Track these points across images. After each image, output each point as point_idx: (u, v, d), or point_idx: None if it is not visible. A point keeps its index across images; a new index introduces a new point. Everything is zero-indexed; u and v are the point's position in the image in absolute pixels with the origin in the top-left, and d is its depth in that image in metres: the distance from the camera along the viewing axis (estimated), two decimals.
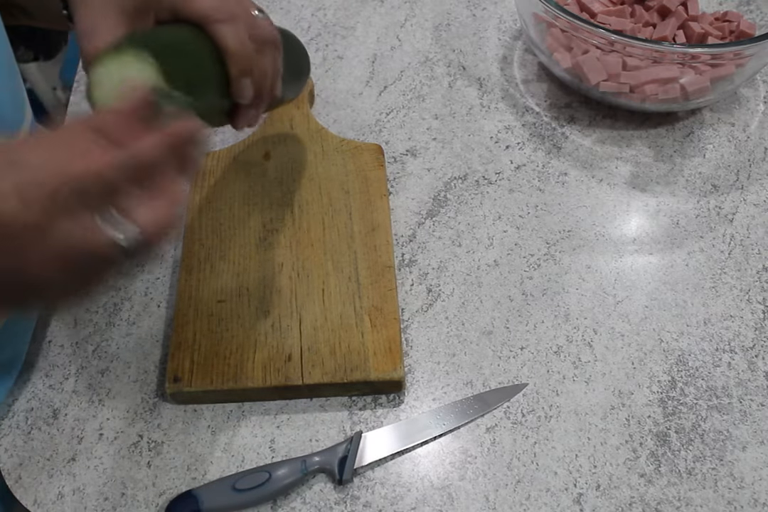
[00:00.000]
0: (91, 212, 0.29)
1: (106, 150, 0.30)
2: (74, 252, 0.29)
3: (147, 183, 0.31)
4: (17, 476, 0.48)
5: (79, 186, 0.29)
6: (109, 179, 0.29)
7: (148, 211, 0.31)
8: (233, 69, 0.39)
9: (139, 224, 0.30)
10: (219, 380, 0.49)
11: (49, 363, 0.53)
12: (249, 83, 0.41)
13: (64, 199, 0.28)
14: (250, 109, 0.43)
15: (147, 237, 0.30)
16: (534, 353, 0.53)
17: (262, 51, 0.41)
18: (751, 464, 0.48)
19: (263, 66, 0.41)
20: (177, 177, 0.32)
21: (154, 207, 0.31)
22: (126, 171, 0.30)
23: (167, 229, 0.31)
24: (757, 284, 0.56)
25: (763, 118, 0.68)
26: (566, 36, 0.64)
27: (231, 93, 0.41)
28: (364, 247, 0.56)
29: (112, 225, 0.30)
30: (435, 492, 0.47)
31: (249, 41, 0.40)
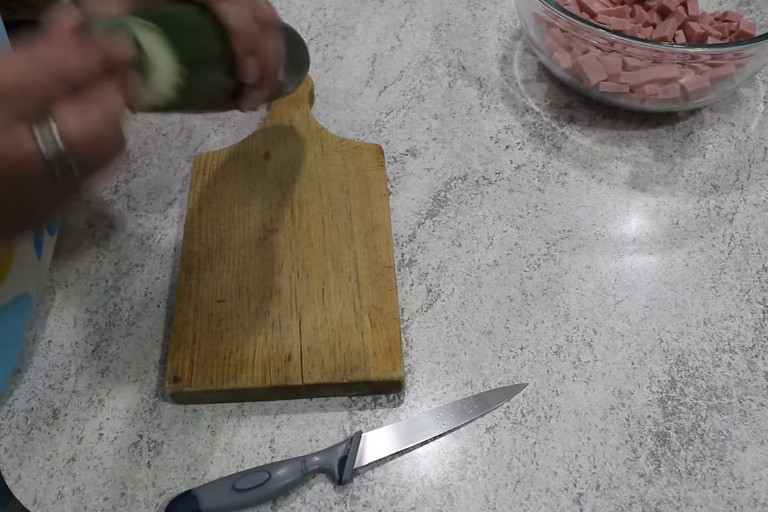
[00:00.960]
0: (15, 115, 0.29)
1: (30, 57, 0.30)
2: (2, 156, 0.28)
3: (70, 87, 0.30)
4: (17, 476, 0.48)
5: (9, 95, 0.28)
6: (33, 79, 0.29)
7: (71, 111, 0.30)
8: (238, 47, 0.40)
9: (59, 121, 0.29)
10: (219, 380, 0.49)
11: (49, 363, 0.53)
12: (253, 62, 0.41)
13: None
14: (254, 90, 0.43)
15: (72, 139, 0.30)
16: (534, 353, 0.53)
17: (265, 32, 0.41)
18: (751, 464, 0.48)
19: (267, 46, 0.42)
20: (113, 90, 0.31)
21: (78, 108, 0.30)
22: (49, 72, 0.29)
23: (98, 135, 0.30)
24: (757, 284, 0.56)
25: (763, 118, 0.68)
26: (566, 36, 0.64)
27: (236, 72, 0.41)
28: (364, 246, 0.56)
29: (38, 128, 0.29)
30: (435, 492, 0.47)
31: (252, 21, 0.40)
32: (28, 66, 0.29)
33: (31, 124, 0.29)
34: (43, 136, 0.29)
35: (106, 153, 0.32)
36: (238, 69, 0.41)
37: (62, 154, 0.30)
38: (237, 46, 0.40)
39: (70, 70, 0.30)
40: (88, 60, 0.31)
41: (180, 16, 0.38)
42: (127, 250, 0.59)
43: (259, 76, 0.42)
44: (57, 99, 0.30)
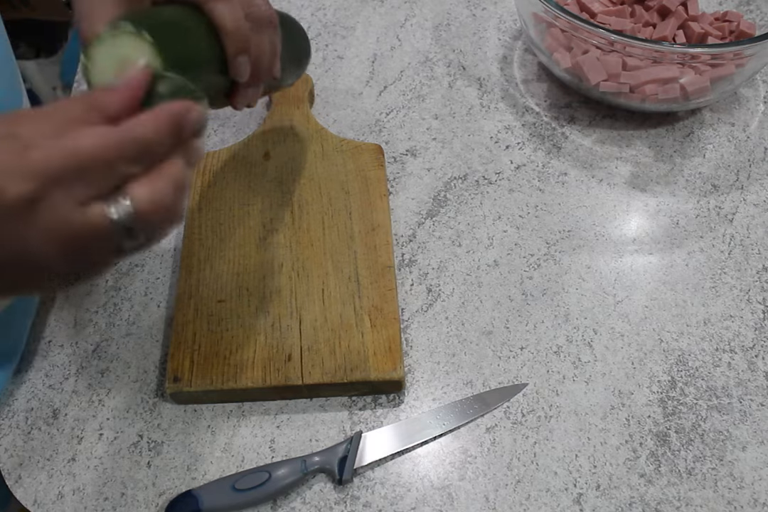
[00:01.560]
0: (87, 189, 0.29)
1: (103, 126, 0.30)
2: (70, 227, 0.29)
3: (146, 162, 0.31)
4: (17, 476, 0.48)
5: (76, 161, 0.29)
6: (106, 155, 0.29)
7: (144, 189, 0.30)
8: (230, 47, 0.40)
9: (133, 200, 0.30)
10: (219, 380, 0.49)
11: (49, 363, 0.53)
12: (246, 61, 0.41)
13: (61, 175, 0.28)
14: (248, 88, 0.43)
15: (143, 214, 0.30)
16: (534, 353, 0.53)
17: (258, 30, 0.41)
18: (751, 464, 0.48)
19: (260, 44, 0.42)
20: (178, 159, 0.32)
21: (150, 185, 0.31)
22: (123, 148, 0.30)
23: (166, 208, 0.31)
24: (757, 284, 0.56)
25: (763, 118, 0.68)
26: (566, 36, 0.64)
27: (229, 71, 0.41)
28: (364, 247, 0.56)
29: (108, 202, 0.30)
30: (435, 492, 0.47)
31: (245, 20, 0.40)
32: (109, 142, 0.30)
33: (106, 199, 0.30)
34: (118, 214, 0.30)
35: (170, 223, 0.33)
36: (230, 68, 0.41)
37: (134, 230, 0.30)
38: (229, 45, 0.40)
39: (147, 143, 0.31)
40: (163, 130, 0.31)
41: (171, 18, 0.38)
42: None
43: (253, 75, 0.42)
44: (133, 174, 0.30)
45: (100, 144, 0.29)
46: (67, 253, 0.30)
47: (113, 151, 0.29)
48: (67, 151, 0.29)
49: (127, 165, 0.30)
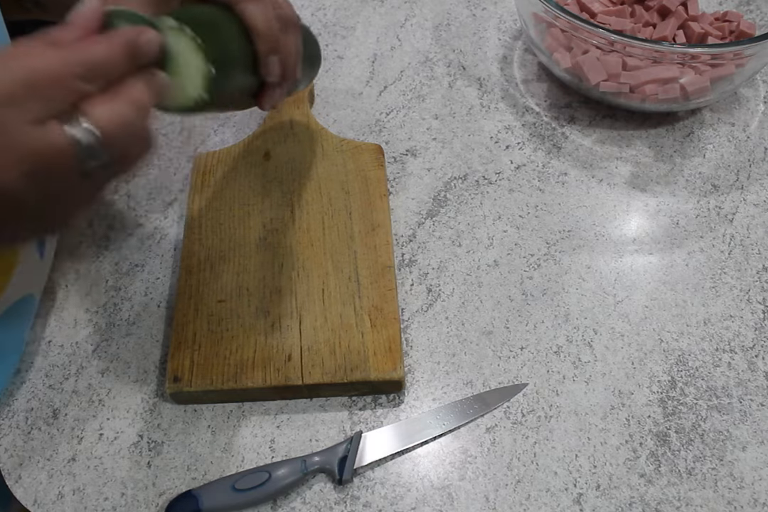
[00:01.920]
0: (41, 107, 0.29)
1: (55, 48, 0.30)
2: (27, 146, 0.29)
3: (100, 82, 0.30)
4: (17, 476, 0.48)
5: (26, 78, 0.28)
6: (58, 71, 0.29)
7: (101, 107, 0.30)
8: (262, 47, 0.40)
9: (90, 117, 0.30)
10: (219, 380, 0.49)
11: (49, 363, 0.53)
12: (276, 61, 0.41)
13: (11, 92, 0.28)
14: (276, 87, 0.44)
15: (105, 134, 0.30)
16: (534, 353, 0.53)
17: (285, 30, 0.42)
18: (751, 464, 0.48)
19: (288, 44, 0.42)
20: (137, 81, 0.32)
21: (107, 103, 0.30)
22: (75, 64, 0.29)
23: (125, 127, 0.31)
24: (757, 284, 0.56)
25: (763, 118, 0.68)
26: (566, 36, 0.64)
27: (259, 71, 0.41)
28: (364, 247, 0.56)
29: (68, 123, 0.29)
30: (435, 492, 0.47)
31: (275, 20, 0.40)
32: (57, 56, 0.29)
33: (62, 117, 0.29)
34: (75, 129, 0.29)
35: (136, 147, 0.32)
36: (262, 68, 0.41)
37: (95, 148, 0.30)
38: (261, 45, 0.40)
39: (99, 62, 0.30)
40: (116, 51, 0.31)
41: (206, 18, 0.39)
42: (127, 250, 0.59)
43: (281, 74, 0.43)
44: (87, 92, 0.30)
45: (50, 61, 0.29)
46: (29, 176, 0.29)
47: (64, 67, 0.29)
48: (16, 67, 0.28)
49: (81, 82, 0.30)
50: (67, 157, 0.30)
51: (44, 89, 0.29)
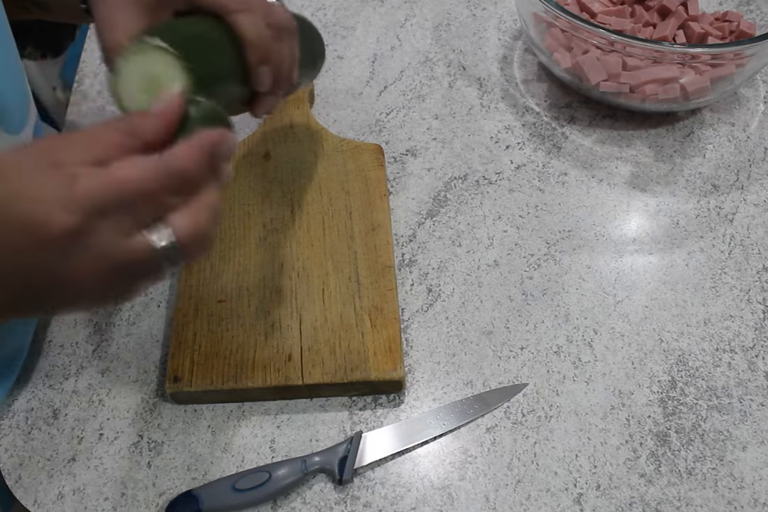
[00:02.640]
0: (130, 220, 0.30)
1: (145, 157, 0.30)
2: (113, 259, 0.30)
3: (184, 191, 0.31)
4: (17, 476, 0.48)
5: (120, 194, 0.29)
6: (149, 187, 0.30)
7: (185, 218, 0.31)
8: (252, 57, 0.40)
9: (176, 231, 0.30)
10: (219, 380, 0.49)
11: (49, 363, 0.53)
12: (267, 71, 0.41)
13: (105, 207, 0.29)
14: (268, 96, 0.44)
15: (184, 243, 0.31)
16: (534, 353, 0.53)
17: (279, 38, 0.42)
18: (751, 464, 0.48)
19: (281, 53, 0.42)
20: (213, 186, 0.33)
21: (191, 214, 0.31)
22: (165, 179, 0.30)
23: (205, 235, 0.32)
24: (757, 284, 0.56)
25: (763, 118, 0.68)
26: (566, 36, 0.64)
27: (250, 81, 0.41)
28: (364, 246, 0.56)
29: (150, 232, 0.30)
30: (435, 492, 0.47)
31: (266, 29, 0.40)
32: (152, 174, 0.30)
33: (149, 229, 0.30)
34: (162, 243, 0.30)
35: (207, 248, 0.33)
36: (252, 78, 0.41)
37: (175, 256, 0.31)
38: (251, 56, 0.40)
39: (189, 176, 0.31)
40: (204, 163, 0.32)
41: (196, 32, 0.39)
42: None
43: (273, 83, 0.42)
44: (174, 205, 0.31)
45: (142, 176, 0.30)
46: (110, 283, 0.30)
47: (156, 182, 0.30)
48: (112, 183, 0.29)
49: (169, 196, 0.31)
50: (150, 265, 0.31)
51: (135, 204, 0.29)
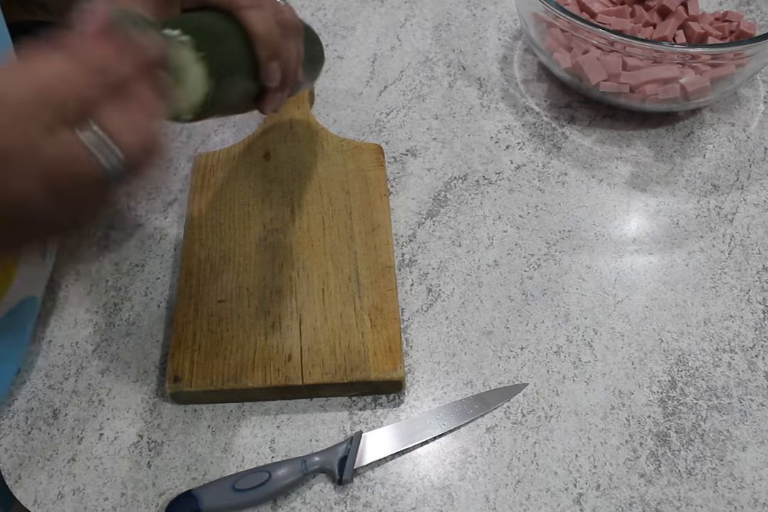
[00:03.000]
0: (61, 120, 0.29)
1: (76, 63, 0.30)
2: (59, 169, 0.29)
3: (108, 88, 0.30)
4: (17, 476, 0.48)
5: (45, 92, 0.28)
6: (76, 83, 0.29)
7: (124, 121, 0.30)
8: (262, 53, 0.40)
9: (108, 126, 0.30)
10: (219, 380, 0.49)
11: (49, 363, 0.53)
12: (277, 67, 0.42)
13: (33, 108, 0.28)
14: (276, 92, 0.44)
15: (114, 135, 0.30)
16: (534, 353, 0.53)
17: (286, 35, 0.42)
18: (751, 464, 0.48)
19: (289, 50, 0.43)
20: (144, 86, 0.32)
21: (129, 117, 0.30)
22: (92, 75, 0.29)
23: (143, 134, 0.31)
24: (757, 284, 0.56)
25: (763, 118, 0.68)
26: (566, 36, 0.64)
27: (260, 77, 0.42)
28: (364, 247, 0.56)
29: (89, 137, 0.29)
30: (435, 492, 0.47)
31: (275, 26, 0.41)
32: (68, 65, 0.29)
33: (77, 124, 0.29)
34: (89, 135, 0.29)
35: (149, 151, 0.32)
36: (262, 74, 0.42)
37: (110, 153, 0.30)
38: (261, 52, 0.40)
39: (111, 70, 0.30)
40: (126, 59, 0.31)
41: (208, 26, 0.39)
42: (127, 250, 0.59)
43: (282, 79, 0.43)
44: (99, 99, 0.30)
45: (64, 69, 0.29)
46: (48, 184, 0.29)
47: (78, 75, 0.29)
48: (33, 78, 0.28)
49: (94, 90, 0.30)
50: (83, 163, 0.29)
51: (58, 98, 0.29)
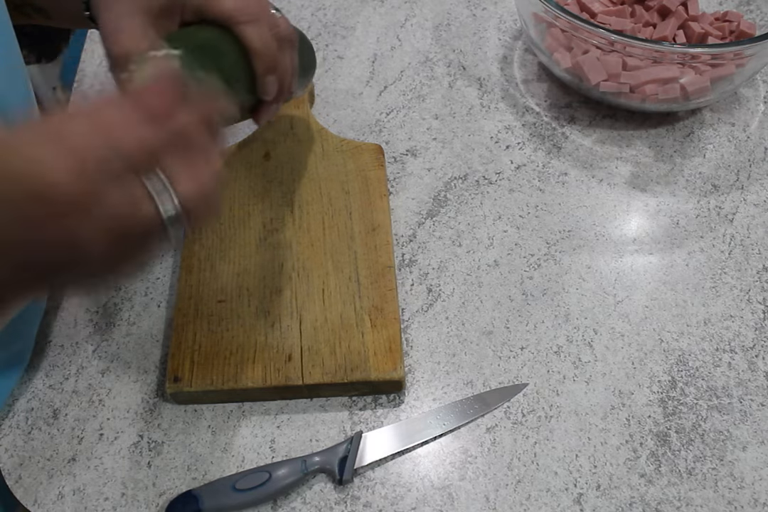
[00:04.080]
0: (136, 179, 0.29)
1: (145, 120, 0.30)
2: (123, 221, 0.29)
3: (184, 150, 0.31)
4: (17, 476, 0.48)
5: (124, 152, 0.29)
6: (152, 145, 0.29)
7: (189, 176, 0.31)
8: (259, 67, 0.41)
9: (180, 188, 0.30)
10: (219, 380, 0.49)
11: (49, 363, 0.53)
12: (274, 80, 0.42)
13: (111, 166, 0.28)
14: (272, 104, 0.45)
15: (188, 204, 0.30)
16: (534, 353, 0.53)
17: (282, 48, 0.43)
18: (751, 464, 0.48)
19: (284, 63, 0.43)
20: (211, 147, 0.32)
21: (194, 173, 0.31)
22: (167, 137, 0.30)
23: (209, 197, 0.32)
24: (757, 284, 0.56)
25: (763, 118, 0.68)
26: (566, 36, 0.64)
27: (257, 90, 0.42)
28: (364, 247, 0.56)
29: (156, 192, 0.30)
30: (435, 492, 0.47)
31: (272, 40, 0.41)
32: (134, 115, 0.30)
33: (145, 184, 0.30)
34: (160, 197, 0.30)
35: (213, 209, 0.33)
36: (259, 87, 0.42)
37: (179, 216, 0.30)
38: (259, 66, 0.41)
39: (182, 130, 0.31)
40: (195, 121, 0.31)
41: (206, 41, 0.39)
42: None
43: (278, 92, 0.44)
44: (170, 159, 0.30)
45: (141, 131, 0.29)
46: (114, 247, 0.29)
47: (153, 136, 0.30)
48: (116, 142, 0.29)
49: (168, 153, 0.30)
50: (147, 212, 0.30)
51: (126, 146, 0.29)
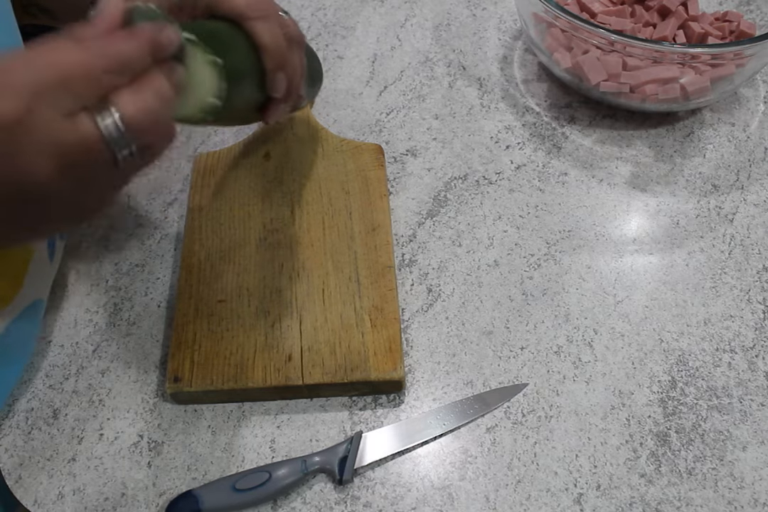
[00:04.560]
0: (72, 101, 0.29)
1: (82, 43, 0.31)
2: (60, 139, 0.29)
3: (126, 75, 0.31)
4: (17, 476, 0.48)
5: (58, 73, 0.29)
6: (87, 65, 0.30)
7: (128, 97, 0.31)
8: (270, 63, 0.41)
9: (119, 107, 0.30)
10: (219, 380, 0.49)
11: (49, 363, 0.53)
12: (283, 77, 0.43)
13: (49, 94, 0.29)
14: (280, 103, 0.45)
15: (130, 121, 0.31)
16: (534, 353, 0.53)
17: (291, 48, 0.43)
18: (751, 464, 0.48)
19: (294, 61, 0.44)
20: (159, 73, 0.33)
21: (134, 94, 0.31)
22: (103, 58, 0.30)
23: (152, 116, 0.32)
24: (757, 284, 0.56)
25: (763, 118, 0.68)
26: (566, 36, 0.64)
27: (266, 87, 0.43)
28: (364, 247, 0.56)
29: (99, 115, 0.30)
30: (435, 492, 0.47)
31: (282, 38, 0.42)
32: (87, 54, 0.30)
33: (92, 110, 0.30)
34: (105, 122, 0.30)
35: (161, 136, 0.33)
36: (269, 84, 0.42)
37: (124, 138, 0.31)
38: (269, 62, 0.41)
39: (125, 56, 0.31)
40: (141, 47, 0.32)
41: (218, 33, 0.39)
42: (127, 250, 0.59)
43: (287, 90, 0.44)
44: (114, 84, 0.31)
45: (79, 56, 0.30)
46: (63, 169, 0.30)
47: (93, 61, 0.30)
48: (47, 65, 0.29)
49: (108, 75, 0.31)
50: (98, 147, 0.30)
51: (74, 83, 0.30)
